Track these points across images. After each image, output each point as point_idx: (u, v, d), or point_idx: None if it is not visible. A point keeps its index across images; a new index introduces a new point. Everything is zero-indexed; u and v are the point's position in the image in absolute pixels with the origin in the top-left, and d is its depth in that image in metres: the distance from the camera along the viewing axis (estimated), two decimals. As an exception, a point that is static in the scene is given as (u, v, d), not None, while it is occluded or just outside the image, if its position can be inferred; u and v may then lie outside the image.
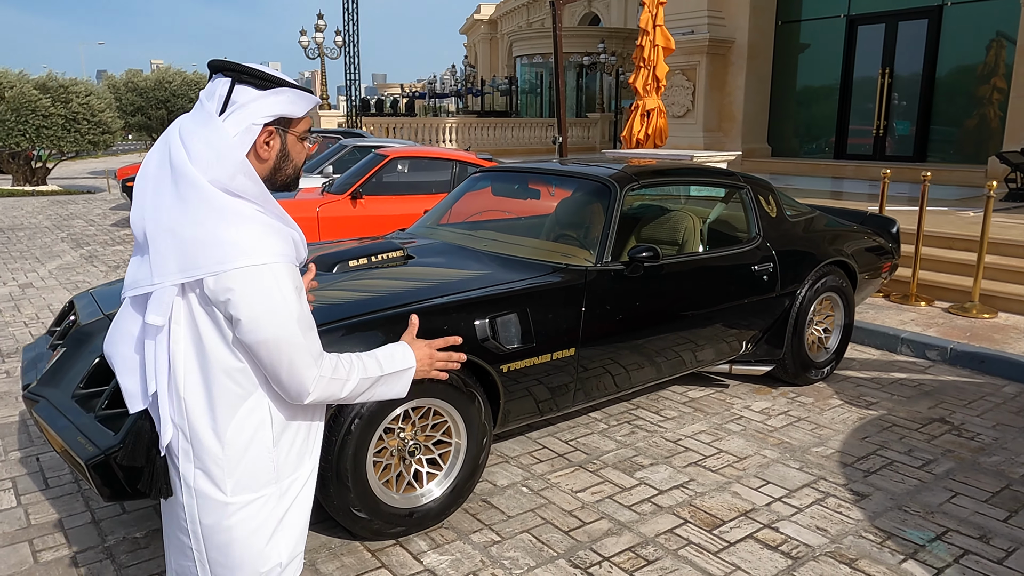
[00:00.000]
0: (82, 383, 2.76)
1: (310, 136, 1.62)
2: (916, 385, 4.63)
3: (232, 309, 1.41)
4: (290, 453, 1.59)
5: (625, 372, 3.60)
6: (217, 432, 1.50)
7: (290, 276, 1.45)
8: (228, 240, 1.39)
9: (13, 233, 10.90)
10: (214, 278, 1.39)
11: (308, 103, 1.54)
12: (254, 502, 1.54)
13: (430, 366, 1.73)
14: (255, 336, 1.42)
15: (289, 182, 1.59)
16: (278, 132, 1.52)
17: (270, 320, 1.42)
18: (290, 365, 1.46)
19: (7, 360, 5.06)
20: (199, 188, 1.40)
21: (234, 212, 1.41)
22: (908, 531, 2.98)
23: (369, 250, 3.55)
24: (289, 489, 1.59)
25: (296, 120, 1.54)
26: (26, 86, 17.51)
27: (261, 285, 1.40)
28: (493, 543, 2.90)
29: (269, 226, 1.45)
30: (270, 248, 1.42)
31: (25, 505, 3.17)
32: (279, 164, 1.55)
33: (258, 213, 1.45)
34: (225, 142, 1.43)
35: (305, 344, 1.47)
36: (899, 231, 5.26)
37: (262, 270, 1.40)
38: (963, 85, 12.76)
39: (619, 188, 3.70)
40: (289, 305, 1.44)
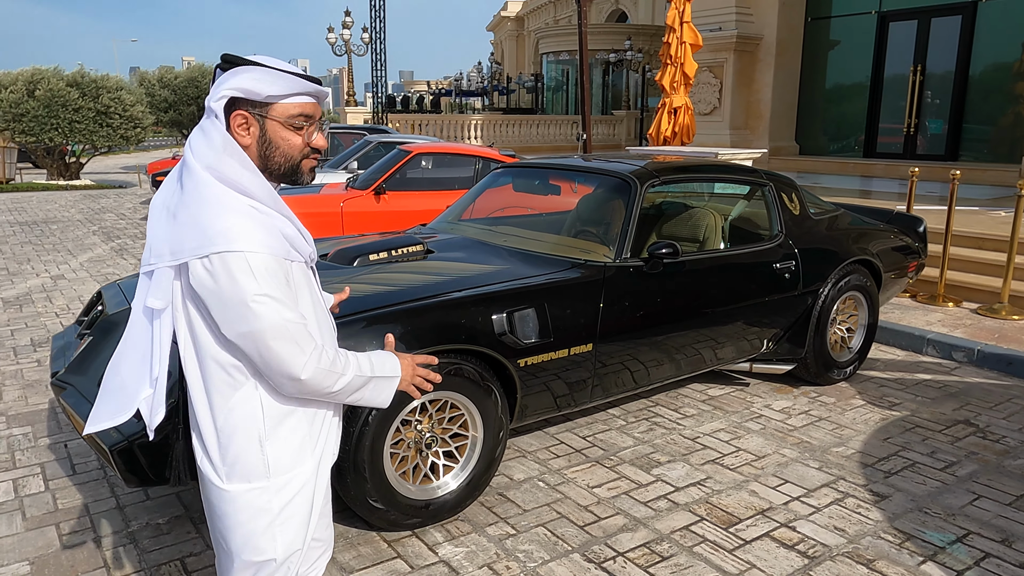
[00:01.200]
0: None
1: (306, 123, 1.51)
2: (941, 386, 4.57)
3: (212, 299, 1.41)
4: (286, 448, 1.55)
5: (643, 369, 3.60)
6: (214, 418, 1.53)
7: (269, 267, 1.42)
8: (209, 226, 1.40)
9: (47, 226, 11.14)
10: (196, 263, 1.40)
11: (281, 83, 1.45)
12: (248, 492, 1.54)
13: (410, 380, 1.68)
14: (235, 328, 1.42)
15: (285, 173, 1.53)
16: (255, 117, 1.47)
17: (247, 311, 1.40)
18: (275, 356, 1.43)
19: (38, 349, 5.18)
20: (194, 173, 1.44)
21: (218, 200, 1.42)
22: (928, 533, 2.95)
23: (390, 244, 3.58)
24: (288, 485, 1.56)
25: (272, 104, 1.47)
26: (58, 82, 17.85)
27: (237, 274, 1.39)
28: (508, 536, 2.91)
29: (251, 216, 1.43)
30: (248, 237, 1.40)
31: (53, 490, 3.25)
32: (264, 152, 1.50)
33: (245, 204, 1.44)
34: (210, 124, 1.46)
35: (289, 334, 1.43)
36: (926, 230, 5.18)
37: (236, 258, 1.39)
38: (997, 83, 12.51)
39: (639, 184, 3.69)
40: (268, 296, 1.41)
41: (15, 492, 3.23)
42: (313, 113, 1.53)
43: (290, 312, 1.44)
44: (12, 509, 3.09)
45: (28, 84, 17.68)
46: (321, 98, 1.54)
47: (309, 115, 1.52)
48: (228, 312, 1.41)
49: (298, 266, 1.53)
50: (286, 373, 1.45)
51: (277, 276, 1.43)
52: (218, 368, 1.50)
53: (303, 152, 1.54)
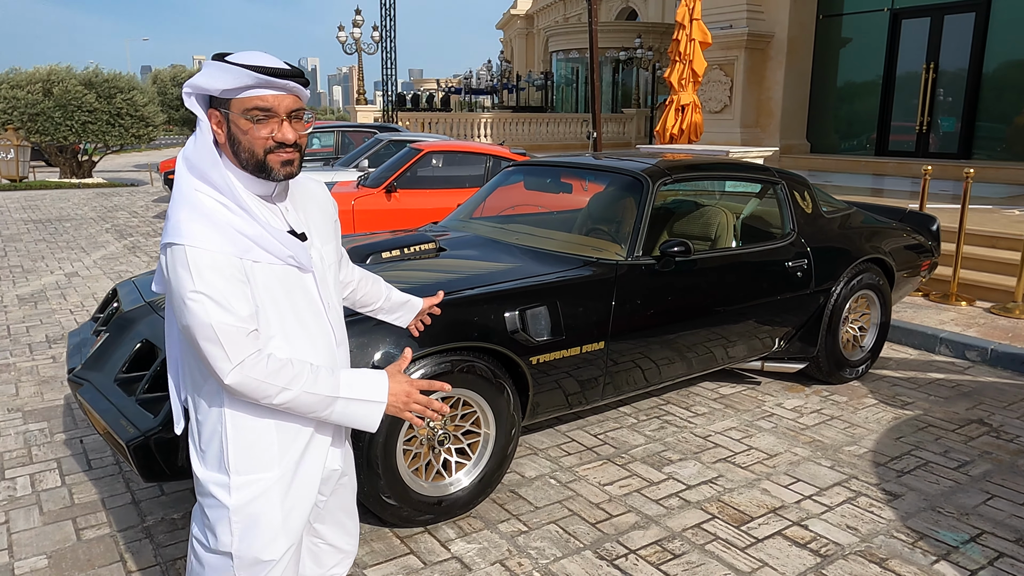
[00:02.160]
0: (124, 367, 2.85)
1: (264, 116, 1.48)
2: (954, 386, 4.55)
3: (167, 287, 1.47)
4: (248, 451, 1.54)
5: (655, 367, 3.60)
6: (194, 405, 1.59)
7: (210, 264, 1.40)
8: (169, 218, 1.46)
9: (60, 224, 11.23)
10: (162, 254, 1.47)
11: (230, 77, 1.44)
12: (214, 485, 1.57)
13: (405, 405, 1.59)
14: (178, 320, 1.46)
15: (254, 169, 1.51)
16: (222, 114, 1.49)
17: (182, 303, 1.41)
18: (204, 356, 1.43)
19: (53, 346, 5.22)
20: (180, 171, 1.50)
21: (182, 194, 1.46)
22: (941, 532, 2.94)
23: (402, 242, 3.60)
24: (246, 487, 1.55)
25: (229, 99, 1.47)
26: (72, 82, 17.97)
27: (177, 266, 1.41)
28: (520, 533, 2.92)
29: (206, 212, 1.43)
30: (196, 232, 1.41)
31: (69, 485, 3.28)
32: (233, 148, 1.50)
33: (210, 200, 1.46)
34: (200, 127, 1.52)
35: (216, 337, 1.40)
36: (939, 229, 5.15)
37: (178, 250, 1.41)
38: (1011, 80, 12.41)
39: (651, 182, 3.69)
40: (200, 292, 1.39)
41: (32, 487, 3.27)
42: (272, 106, 1.48)
43: (225, 315, 1.41)
44: (30, 504, 3.13)
45: (44, 84, 17.81)
46: (288, 89, 1.49)
47: (266, 108, 1.48)
48: (173, 304, 1.47)
49: (272, 268, 1.51)
50: (214, 375, 1.45)
51: (221, 274, 1.41)
52: (190, 357, 1.56)
53: (266, 146, 1.49)
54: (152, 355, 2.86)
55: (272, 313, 1.52)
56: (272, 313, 1.52)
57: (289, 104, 1.50)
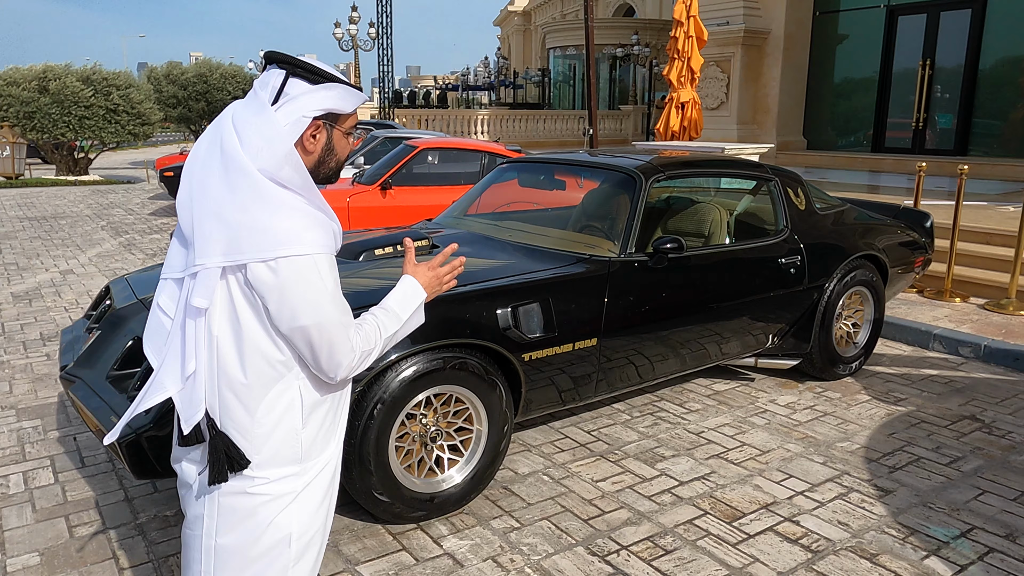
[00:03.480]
0: (116, 365, 2.84)
1: (355, 132, 1.67)
2: (947, 382, 4.56)
3: (273, 296, 1.46)
4: (317, 435, 1.63)
5: (648, 363, 3.61)
6: (249, 409, 1.55)
7: (331, 266, 1.51)
8: (274, 228, 1.43)
9: (56, 221, 11.21)
10: (258, 265, 1.43)
11: (357, 100, 1.59)
12: (278, 481, 1.58)
13: (439, 284, 1.80)
14: (295, 323, 1.48)
15: (331, 175, 1.64)
16: (325, 126, 1.56)
17: (313, 309, 1.47)
18: (330, 350, 1.52)
19: (48, 343, 5.22)
20: (248, 175, 1.44)
21: (280, 201, 1.46)
22: (932, 528, 2.95)
23: (395, 239, 3.60)
24: (311, 469, 1.63)
25: (344, 116, 1.59)
26: (69, 78, 17.92)
27: (305, 275, 1.45)
28: (512, 529, 2.93)
29: (314, 218, 1.50)
30: (313, 239, 1.47)
31: (62, 482, 3.29)
32: (323, 157, 1.59)
33: (304, 204, 1.50)
34: (276, 132, 1.47)
35: (344, 331, 1.53)
36: (933, 225, 5.16)
37: (306, 260, 1.45)
38: (1007, 77, 12.43)
39: (644, 179, 3.69)
40: (330, 294, 1.50)
41: (25, 484, 3.27)
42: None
43: (346, 309, 1.55)
44: (22, 501, 3.13)
45: (40, 81, 17.77)
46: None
47: (356, 125, 1.67)
48: (286, 308, 1.47)
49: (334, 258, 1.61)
50: (333, 365, 1.54)
51: (335, 273, 1.53)
52: (262, 362, 1.53)
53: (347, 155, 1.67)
54: (144, 352, 2.86)
55: None
56: None
57: None
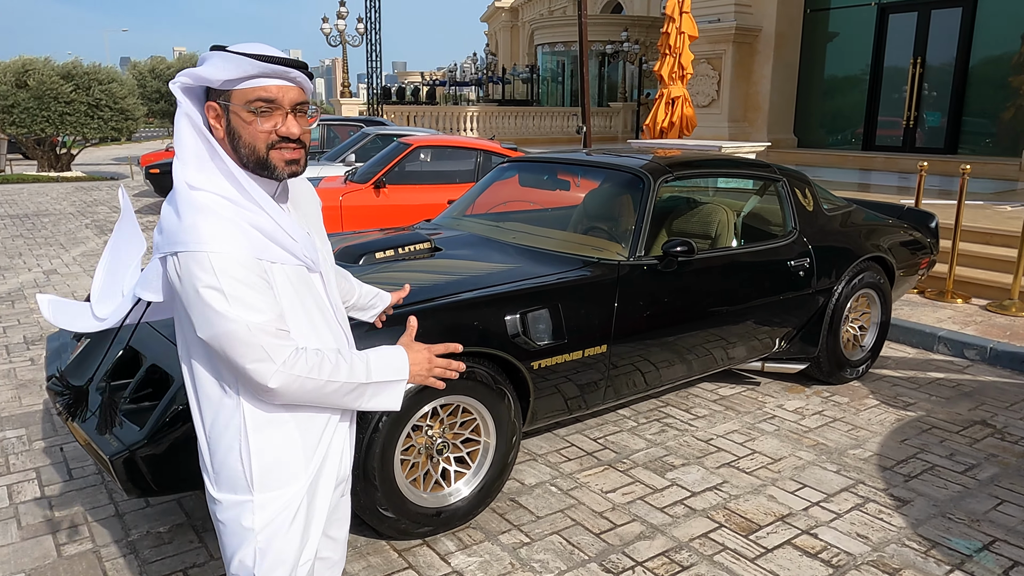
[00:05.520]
0: (107, 376, 2.70)
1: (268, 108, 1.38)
2: (955, 385, 4.49)
3: (182, 299, 1.36)
4: (272, 463, 1.45)
5: (657, 370, 3.51)
6: (203, 421, 1.48)
7: (234, 266, 1.32)
8: (176, 221, 1.35)
9: (38, 219, 10.97)
10: (170, 262, 1.35)
11: (232, 66, 1.34)
12: (232, 506, 1.47)
13: (428, 372, 1.56)
14: (202, 331, 1.34)
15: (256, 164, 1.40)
16: (221, 106, 1.38)
17: (209, 312, 1.32)
18: (241, 363, 1.34)
19: (31, 347, 5.05)
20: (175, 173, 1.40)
21: (187, 195, 1.36)
22: (953, 540, 2.87)
23: (396, 241, 3.47)
24: (272, 503, 1.46)
25: (229, 91, 1.37)
26: (48, 72, 17.58)
27: (198, 274, 1.31)
28: (522, 544, 2.82)
29: (218, 213, 1.34)
30: (214, 235, 1.31)
31: (49, 497, 3.14)
32: (233, 144, 1.40)
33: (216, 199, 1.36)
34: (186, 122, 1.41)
35: (255, 340, 1.33)
36: (938, 226, 5.10)
37: (201, 257, 1.31)
38: (998, 75, 12.44)
39: (652, 180, 3.58)
40: (232, 297, 1.31)
41: (9, 499, 3.12)
42: (276, 97, 1.38)
43: (257, 316, 1.33)
44: (7, 517, 2.98)
45: (18, 75, 17.42)
46: (293, 80, 1.40)
47: (270, 99, 1.38)
48: (194, 314, 1.35)
49: (285, 268, 1.43)
50: (254, 382, 1.37)
51: (244, 277, 1.33)
52: (204, 370, 1.44)
53: (268, 141, 1.40)
54: (136, 363, 2.72)
55: (289, 318, 1.43)
56: (289, 318, 1.43)
57: (294, 97, 1.41)
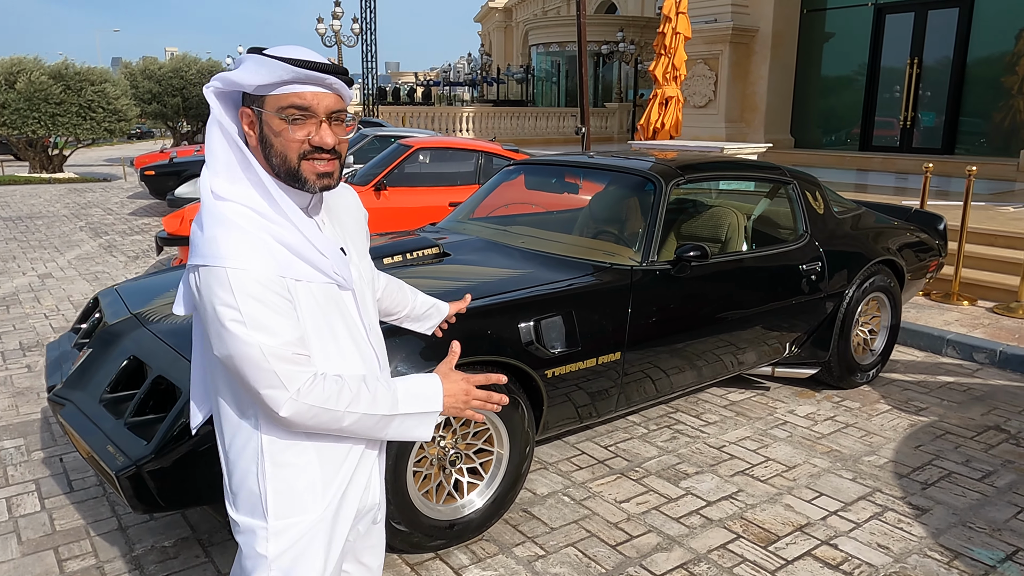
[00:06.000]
0: (109, 387, 2.63)
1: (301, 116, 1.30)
2: (965, 389, 4.45)
3: (201, 314, 1.31)
4: (288, 490, 1.37)
5: (670, 376, 3.45)
6: (224, 443, 1.42)
7: (253, 284, 1.24)
8: (199, 234, 1.29)
9: (31, 222, 10.84)
10: (191, 275, 1.30)
11: (266, 70, 1.27)
12: (249, 530, 1.40)
13: (465, 404, 1.45)
14: (218, 350, 1.28)
15: (287, 175, 1.33)
16: (255, 112, 1.31)
17: (224, 331, 1.25)
18: (253, 387, 1.27)
19: (28, 354, 4.96)
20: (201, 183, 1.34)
21: (211, 210, 1.29)
22: (976, 550, 2.82)
23: (404, 247, 3.41)
24: (286, 531, 1.38)
25: (264, 96, 1.30)
26: (38, 72, 17.41)
27: (215, 290, 1.25)
28: (537, 557, 2.76)
29: (241, 228, 1.27)
30: (235, 251, 1.24)
31: (49, 509, 3.06)
32: (265, 152, 1.33)
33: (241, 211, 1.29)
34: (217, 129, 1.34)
35: (268, 364, 1.25)
36: (946, 228, 5.06)
37: (220, 273, 1.24)
38: (995, 75, 12.45)
39: (664, 183, 3.53)
40: (243, 315, 1.24)
41: (9, 512, 3.04)
42: (311, 104, 1.30)
43: (275, 340, 1.25)
44: (7, 531, 2.90)
45: (7, 75, 17.25)
46: (330, 87, 1.32)
47: (303, 106, 1.30)
48: (211, 331, 1.28)
49: (311, 287, 1.34)
50: (266, 407, 1.29)
51: (263, 296, 1.25)
52: (224, 389, 1.38)
53: (300, 150, 1.32)
54: (141, 374, 2.65)
55: (313, 339, 1.34)
56: (313, 339, 1.34)
57: (330, 104, 1.32)
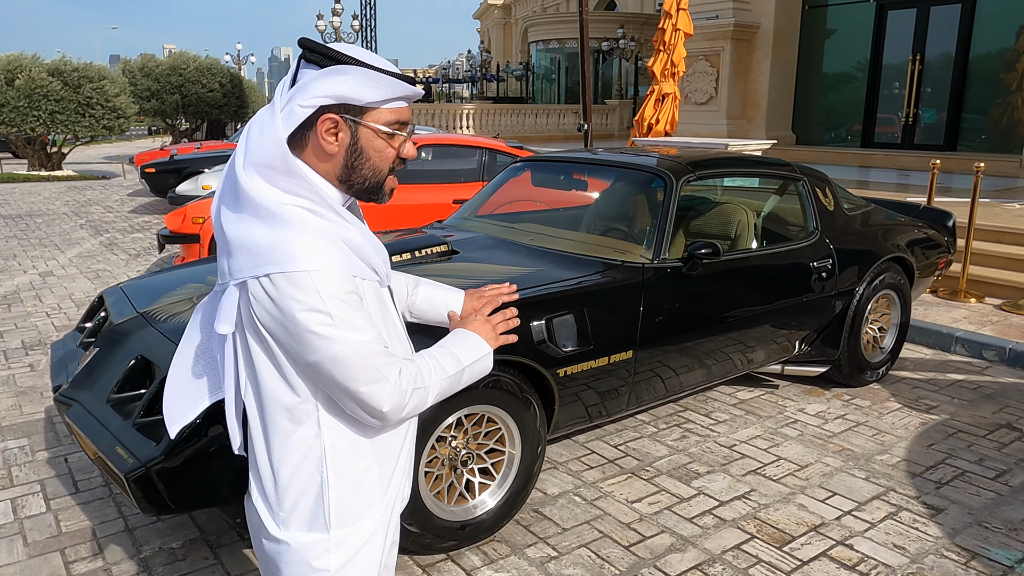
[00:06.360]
0: (117, 387, 2.59)
1: (402, 132, 1.31)
2: (976, 387, 4.42)
3: (273, 324, 1.22)
4: (352, 496, 1.35)
5: (681, 375, 3.42)
6: (271, 460, 1.34)
7: (337, 285, 1.21)
8: (265, 242, 1.20)
9: (31, 219, 10.79)
10: (253, 283, 1.22)
11: (383, 86, 1.25)
12: (305, 547, 1.34)
13: (495, 338, 1.53)
14: (303, 358, 1.23)
15: (370, 188, 1.33)
16: (347, 122, 1.26)
17: (317, 338, 1.20)
18: (357, 386, 1.23)
19: (30, 352, 4.92)
20: (241, 180, 1.23)
21: (272, 210, 1.21)
22: (993, 550, 2.79)
23: (413, 244, 3.37)
24: (351, 538, 1.35)
25: (369, 108, 1.27)
26: (37, 70, 17.34)
27: (296, 296, 1.19)
28: (550, 559, 2.73)
29: (313, 228, 1.22)
30: (311, 252, 1.20)
31: (55, 511, 3.03)
32: (351, 162, 1.29)
33: (307, 212, 1.23)
34: (275, 125, 1.23)
35: (373, 360, 1.23)
36: (955, 225, 5.03)
37: (301, 277, 1.19)
38: (997, 72, 12.41)
39: (675, 180, 3.49)
40: (338, 319, 1.20)
41: (14, 513, 3.01)
42: (408, 119, 1.32)
43: (365, 335, 1.23)
44: (12, 533, 2.87)
45: (7, 73, 17.18)
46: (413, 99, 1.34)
47: (404, 122, 1.32)
48: (292, 340, 1.22)
49: (370, 284, 1.32)
50: (367, 405, 1.26)
51: (347, 296, 1.22)
52: (276, 403, 1.30)
53: (392, 164, 1.33)
54: (149, 373, 2.61)
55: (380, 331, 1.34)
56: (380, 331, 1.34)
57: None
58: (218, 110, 26.43)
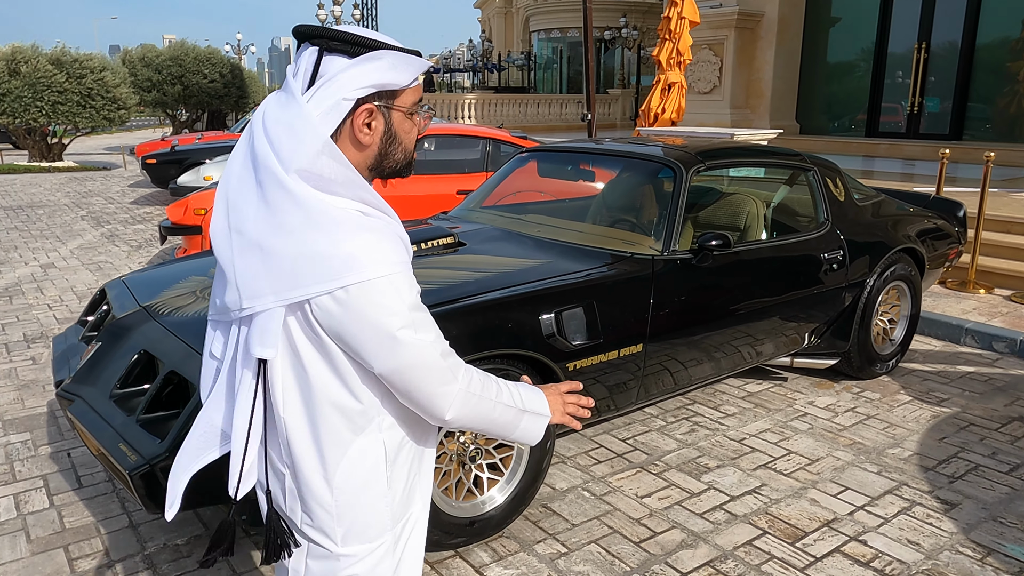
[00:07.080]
0: (120, 383, 2.55)
1: (421, 109, 1.30)
2: (986, 379, 4.38)
3: (350, 334, 1.16)
4: (404, 491, 1.36)
5: (691, 368, 3.37)
6: (326, 475, 1.27)
7: (411, 285, 1.20)
8: (334, 250, 1.13)
9: (32, 211, 10.74)
10: (324, 298, 1.14)
11: (414, 67, 1.23)
12: (370, 554, 1.32)
13: (562, 413, 1.45)
14: (385, 364, 1.18)
15: (399, 168, 1.30)
16: (380, 109, 1.22)
17: (399, 343, 1.17)
18: (429, 386, 1.22)
19: (32, 345, 4.88)
20: (286, 188, 1.14)
21: (332, 217, 1.14)
22: (1008, 546, 2.75)
23: (419, 236, 3.31)
24: (403, 531, 1.38)
25: (400, 91, 1.24)
26: (41, 60, 17.26)
27: (381, 302, 1.14)
28: (560, 555, 2.69)
29: (379, 230, 1.17)
30: (384, 256, 1.15)
31: (58, 506, 2.99)
32: (385, 149, 1.26)
33: (360, 214, 1.17)
34: (308, 126, 1.15)
35: (443, 362, 1.23)
36: (966, 215, 4.97)
37: (382, 283, 1.14)
38: (1003, 61, 12.30)
39: (685, 170, 3.44)
40: (416, 320, 1.19)
41: (17, 509, 2.97)
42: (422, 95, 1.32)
43: (434, 334, 1.23)
44: (15, 529, 2.83)
45: (9, 63, 17.08)
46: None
47: (421, 98, 1.30)
48: (370, 348, 1.17)
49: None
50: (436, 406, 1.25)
51: (415, 297, 1.21)
52: (336, 414, 1.25)
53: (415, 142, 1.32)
54: (152, 368, 2.57)
55: None
56: None
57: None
58: (219, 100, 26.31)
